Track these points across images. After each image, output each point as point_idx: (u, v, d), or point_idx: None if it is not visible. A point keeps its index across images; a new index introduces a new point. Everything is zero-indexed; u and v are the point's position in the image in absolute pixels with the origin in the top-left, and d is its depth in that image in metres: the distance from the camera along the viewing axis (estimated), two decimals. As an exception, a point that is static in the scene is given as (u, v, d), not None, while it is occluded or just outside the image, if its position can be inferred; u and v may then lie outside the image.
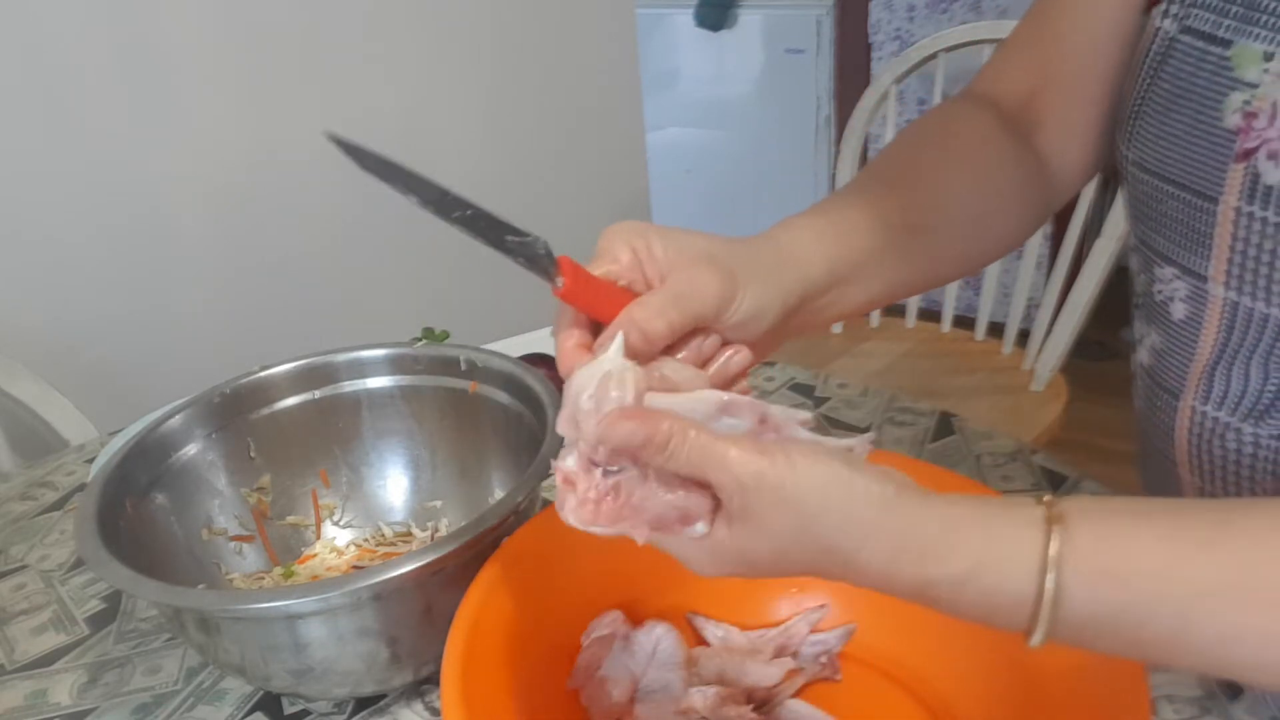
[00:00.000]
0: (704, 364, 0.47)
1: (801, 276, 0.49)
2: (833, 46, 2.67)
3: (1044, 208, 0.65)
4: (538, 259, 0.44)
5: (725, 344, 0.48)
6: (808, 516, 0.38)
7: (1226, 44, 0.50)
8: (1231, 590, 0.37)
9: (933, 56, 1.51)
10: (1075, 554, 0.37)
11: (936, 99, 1.56)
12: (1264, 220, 0.49)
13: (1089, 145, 0.64)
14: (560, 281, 0.44)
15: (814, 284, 0.49)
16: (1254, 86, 0.49)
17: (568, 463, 0.42)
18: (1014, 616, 0.38)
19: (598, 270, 0.46)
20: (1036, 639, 0.38)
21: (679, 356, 0.46)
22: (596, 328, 0.47)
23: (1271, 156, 0.48)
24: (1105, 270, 1.38)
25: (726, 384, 0.47)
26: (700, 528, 0.40)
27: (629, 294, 0.46)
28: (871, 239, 0.52)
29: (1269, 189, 0.48)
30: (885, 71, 1.55)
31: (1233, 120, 0.50)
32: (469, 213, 0.43)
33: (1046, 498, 0.39)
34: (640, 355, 0.44)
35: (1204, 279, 0.54)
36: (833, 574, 0.40)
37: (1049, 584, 0.37)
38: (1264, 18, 0.49)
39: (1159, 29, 0.56)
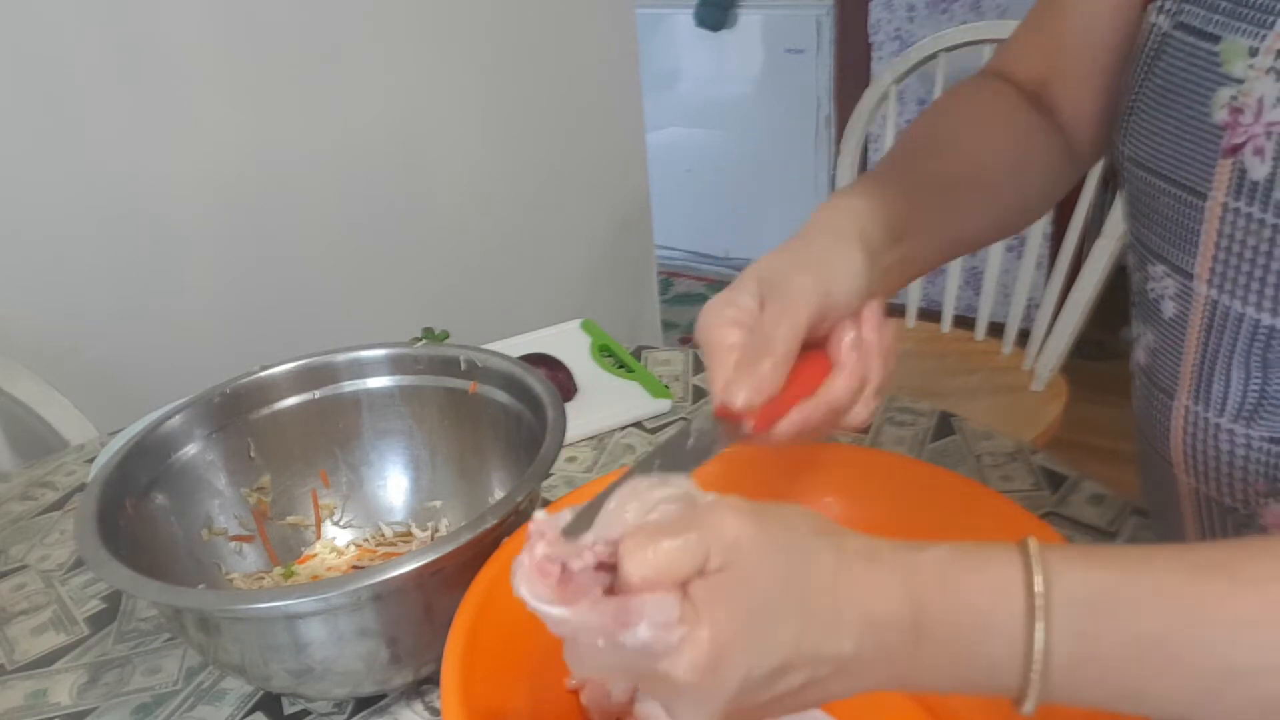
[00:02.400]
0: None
1: (861, 232, 0.51)
2: (833, 46, 2.67)
3: (1071, 170, 0.68)
4: (713, 438, 0.47)
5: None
6: (800, 548, 0.37)
7: (1215, 39, 0.51)
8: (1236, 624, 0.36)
9: (933, 56, 1.51)
10: (1061, 588, 0.36)
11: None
12: (1249, 216, 0.49)
13: (1101, 126, 0.66)
14: (749, 426, 0.46)
15: (874, 240, 0.51)
16: (1240, 82, 0.49)
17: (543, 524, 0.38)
18: (1004, 665, 0.37)
19: (735, 326, 0.48)
20: (1030, 701, 0.37)
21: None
22: None
23: (1257, 152, 0.48)
24: (1105, 270, 1.38)
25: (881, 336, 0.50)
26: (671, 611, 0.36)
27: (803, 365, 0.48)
28: (919, 197, 0.55)
29: (1255, 184, 0.49)
30: (885, 71, 1.55)
31: (1221, 116, 0.50)
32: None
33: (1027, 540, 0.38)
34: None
35: (1190, 276, 0.54)
36: (813, 638, 0.37)
37: (1038, 634, 0.36)
38: (1249, 12, 0.49)
39: (1153, 25, 0.56)
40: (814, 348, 0.50)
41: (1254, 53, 0.49)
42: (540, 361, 0.93)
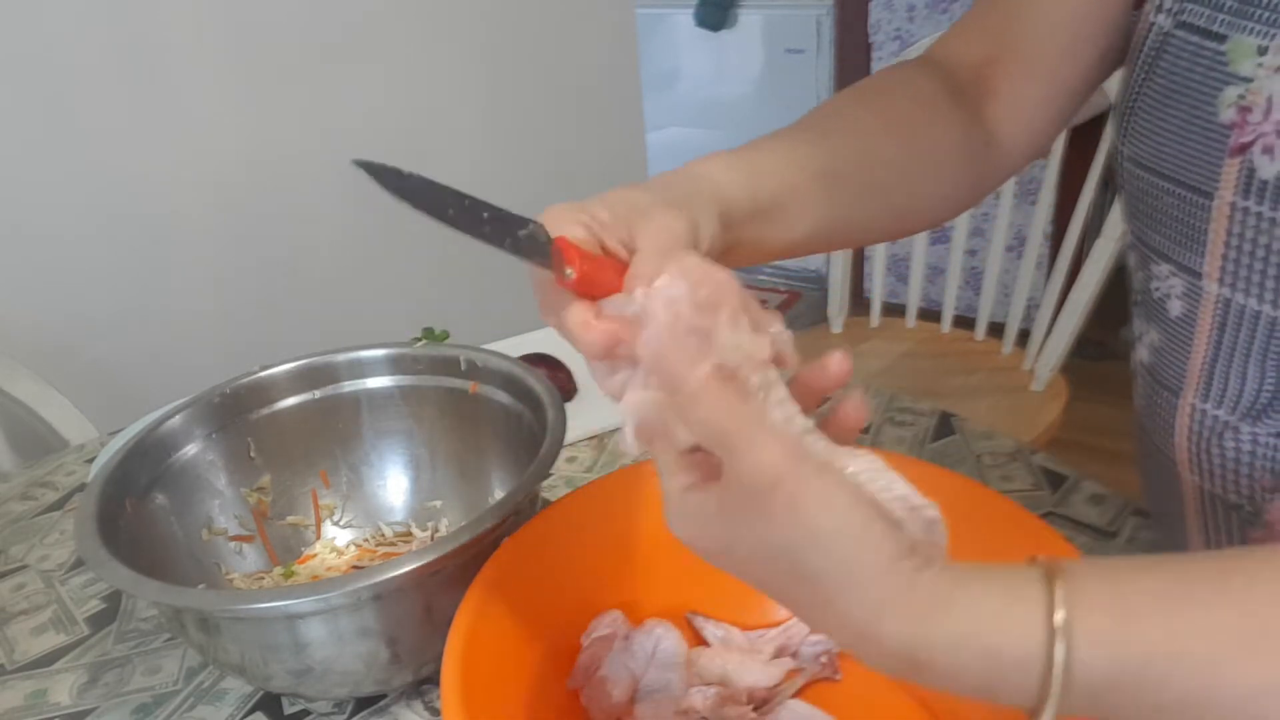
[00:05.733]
0: None
1: (719, 198, 0.48)
2: (833, 46, 2.67)
3: (981, 180, 0.65)
4: (538, 247, 0.42)
5: None
6: (806, 538, 0.35)
7: (1221, 38, 0.50)
8: (1255, 639, 0.34)
9: (933, 56, 1.51)
10: (1084, 605, 0.34)
11: (936, 99, 1.56)
12: (1259, 215, 0.49)
13: (1039, 121, 0.64)
14: (570, 272, 0.41)
15: (733, 209, 0.48)
16: (1248, 80, 0.49)
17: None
18: (1021, 681, 0.34)
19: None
20: (1047, 715, 0.34)
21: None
22: None
23: (1266, 150, 0.48)
24: (1105, 270, 1.38)
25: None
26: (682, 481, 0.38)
27: (620, 265, 0.44)
28: (789, 176, 0.52)
29: (1264, 183, 0.49)
30: (885, 71, 1.55)
31: (1227, 115, 0.50)
32: (466, 203, 0.41)
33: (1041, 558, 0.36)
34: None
35: (1199, 276, 0.54)
36: (805, 607, 0.37)
37: (1058, 652, 0.33)
38: (1258, 11, 0.49)
39: (1153, 24, 0.56)
40: None
41: (1263, 51, 0.48)
42: (540, 361, 0.93)
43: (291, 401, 0.76)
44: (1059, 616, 0.34)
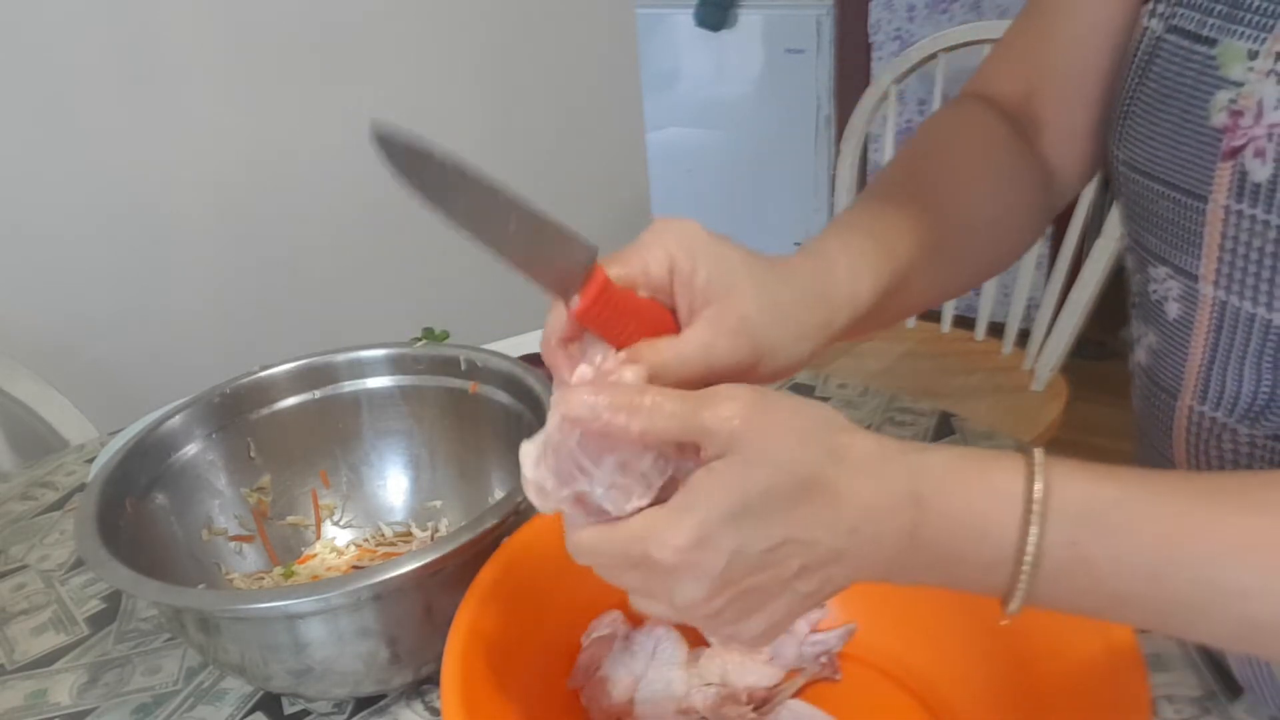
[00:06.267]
0: None
1: (850, 298, 0.49)
2: (833, 46, 2.67)
3: (1049, 210, 0.66)
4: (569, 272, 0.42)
5: None
6: (804, 437, 0.38)
7: (1212, 43, 0.51)
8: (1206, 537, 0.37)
9: (933, 56, 1.51)
10: (1059, 465, 0.38)
11: (936, 99, 1.56)
12: (1252, 218, 0.49)
13: (1088, 146, 0.64)
14: (576, 300, 0.41)
15: (862, 306, 0.49)
16: (1239, 85, 0.49)
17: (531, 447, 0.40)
18: (996, 565, 0.38)
19: (624, 268, 0.43)
20: (1016, 601, 0.38)
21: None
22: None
23: (1258, 154, 0.48)
24: (1105, 270, 1.38)
25: None
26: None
27: (654, 309, 0.43)
28: (909, 250, 0.52)
29: (1257, 186, 0.49)
30: (885, 71, 1.55)
31: (1219, 119, 0.50)
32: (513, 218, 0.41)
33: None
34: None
35: (1195, 278, 0.54)
36: (809, 524, 0.38)
37: (1031, 537, 0.37)
38: (1247, 15, 0.49)
39: (1146, 28, 0.56)
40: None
41: (1253, 55, 0.48)
42: (540, 361, 0.93)
43: (291, 401, 0.76)
44: (1037, 454, 0.38)
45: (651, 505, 0.38)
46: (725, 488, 0.37)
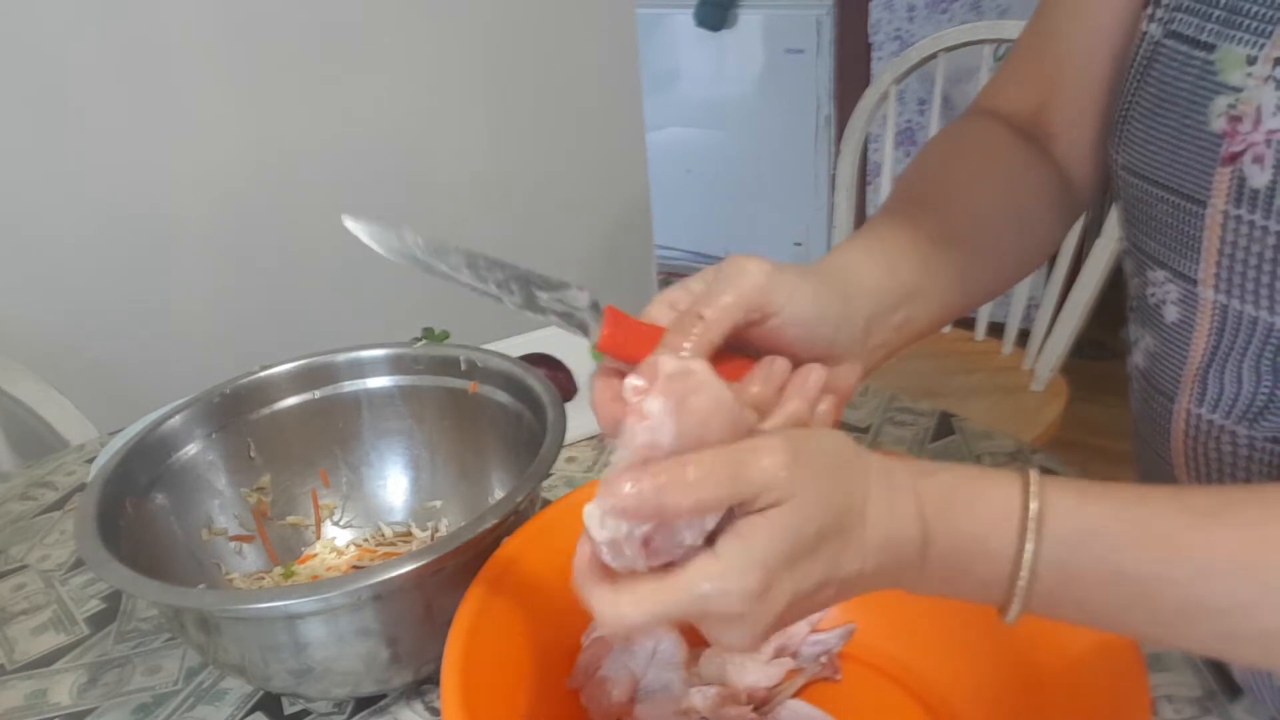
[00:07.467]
0: (780, 390, 0.44)
1: (867, 292, 0.49)
2: (833, 46, 2.67)
3: (1071, 213, 0.66)
4: (575, 314, 0.44)
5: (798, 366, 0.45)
6: (837, 471, 0.39)
7: (1210, 48, 0.50)
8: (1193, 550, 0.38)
9: (933, 56, 1.51)
10: (1055, 484, 0.40)
11: (936, 99, 1.56)
12: (1251, 223, 0.49)
13: (1100, 154, 0.64)
14: (595, 335, 0.42)
15: (882, 302, 0.50)
16: (1238, 90, 0.49)
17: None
18: (994, 582, 0.40)
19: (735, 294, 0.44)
20: (1012, 613, 0.40)
21: (753, 390, 0.44)
22: None
23: (1257, 160, 0.48)
24: (1105, 270, 1.38)
25: (811, 405, 0.44)
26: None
27: (660, 333, 0.44)
28: (923, 256, 0.53)
29: (1255, 192, 0.48)
30: (885, 71, 1.55)
31: (1218, 124, 0.50)
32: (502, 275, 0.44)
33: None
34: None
35: (1194, 282, 0.54)
36: (847, 554, 0.39)
37: (1026, 556, 0.39)
38: (1246, 21, 0.49)
39: (1145, 33, 0.56)
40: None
41: (1252, 61, 0.48)
42: (540, 361, 0.93)
43: (291, 401, 0.76)
44: (1033, 474, 0.40)
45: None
46: (784, 535, 0.37)
